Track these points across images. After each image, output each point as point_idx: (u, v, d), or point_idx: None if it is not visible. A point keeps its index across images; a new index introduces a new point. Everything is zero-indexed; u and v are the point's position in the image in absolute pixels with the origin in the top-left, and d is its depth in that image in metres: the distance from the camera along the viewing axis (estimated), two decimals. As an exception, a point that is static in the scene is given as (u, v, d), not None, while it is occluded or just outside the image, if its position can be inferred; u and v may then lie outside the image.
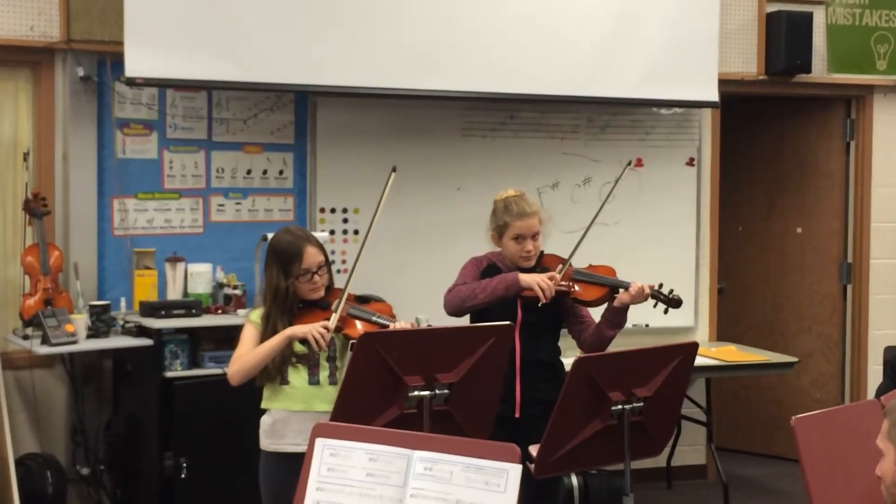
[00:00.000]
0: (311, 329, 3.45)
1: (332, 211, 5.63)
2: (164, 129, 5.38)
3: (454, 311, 3.94)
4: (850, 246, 6.77)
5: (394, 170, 3.73)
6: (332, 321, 3.47)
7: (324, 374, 3.60)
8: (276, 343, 3.51)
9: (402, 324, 3.52)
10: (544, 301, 3.82)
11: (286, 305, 3.56)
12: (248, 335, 3.60)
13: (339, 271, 5.39)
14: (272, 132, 5.56)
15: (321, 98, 5.53)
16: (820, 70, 6.46)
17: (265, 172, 5.57)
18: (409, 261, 5.59)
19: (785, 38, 6.25)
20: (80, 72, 5.15)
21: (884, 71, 6.58)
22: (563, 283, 3.96)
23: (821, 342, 6.86)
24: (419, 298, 5.17)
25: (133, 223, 5.33)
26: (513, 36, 5.51)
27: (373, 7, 5.26)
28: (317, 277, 3.59)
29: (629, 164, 4.53)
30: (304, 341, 3.48)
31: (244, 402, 3.81)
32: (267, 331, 3.55)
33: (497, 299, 3.85)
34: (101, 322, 4.95)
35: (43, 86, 5.21)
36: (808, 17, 6.30)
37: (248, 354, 3.55)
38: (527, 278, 3.86)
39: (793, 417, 2.68)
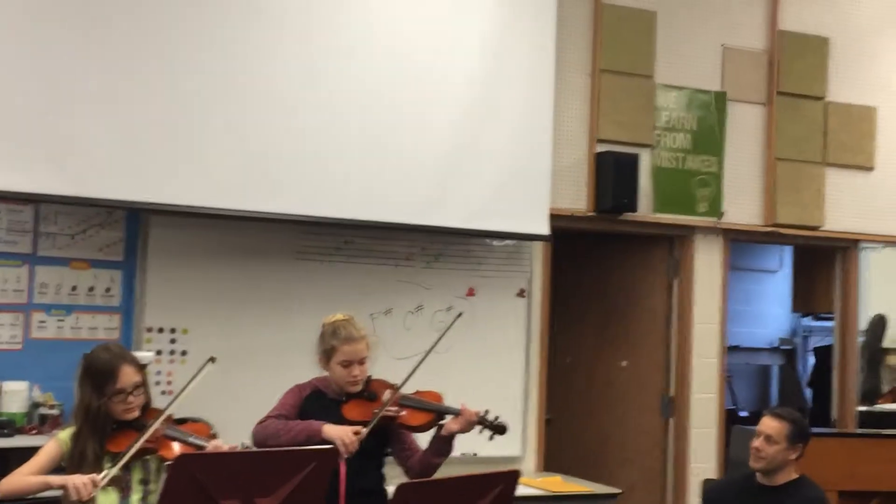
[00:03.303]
0: (71, 480, 3.33)
1: (160, 331, 5.51)
2: (-15, 242, 5.22)
3: (258, 446, 3.90)
4: (672, 380, 6.97)
5: (210, 360, 3.61)
6: (104, 476, 3.35)
7: (136, 497, 3.48)
8: (35, 484, 3.43)
9: (218, 443, 3.45)
10: (346, 456, 3.79)
11: (97, 425, 3.45)
12: (46, 452, 3.48)
13: (163, 392, 5.24)
14: (101, 248, 5.44)
15: (153, 216, 5.45)
16: (646, 209, 6.72)
17: (91, 289, 5.42)
18: (238, 383, 5.47)
19: (613, 178, 6.48)
20: None
21: (704, 213, 6.89)
22: (391, 408, 3.95)
23: (643, 474, 6.98)
24: (246, 422, 5.05)
25: (-54, 337, 5.11)
26: (352, 162, 5.57)
27: (208, 124, 5.26)
28: (131, 398, 3.50)
29: (459, 314, 4.54)
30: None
31: (52, 527, 3.65)
32: (75, 450, 3.43)
33: (299, 444, 3.80)
34: None
35: None
36: (635, 159, 6.58)
37: (18, 478, 3.46)
38: (330, 432, 3.82)
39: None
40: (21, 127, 4.89)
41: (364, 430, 3.83)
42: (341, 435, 3.80)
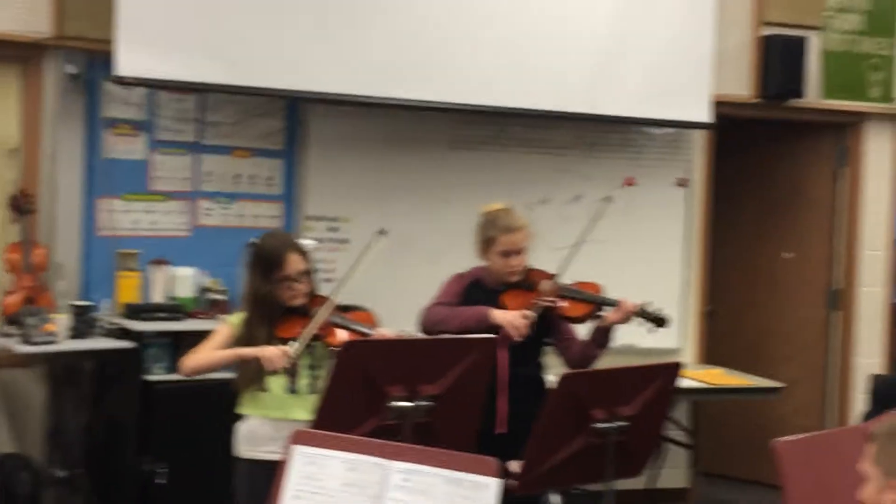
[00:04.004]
0: (265, 352, 3.42)
1: (320, 219, 5.60)
2: (152, 130, 5.35)
3: (427, 332, 3.93)
4: (837, 273, 6.76)
5: (380, 233, 3.63)
6: (296, 350, 3.43)
7: (304, 382, 3.57)
8: (226, 357, 3.52)
9: (383, 331, 3.49)
10: (516, 340, 3.79)
11: (265, 311, 3.54)
12: (220, 334, 3.59)
13: (325, 280, 5.34)
14: (262, 137, 5.53)
15: (312, 105, 5.50)
16: (813, 95, 6.46)
17: (253, 178, 5.53)
18: (395, 271, 5.54)
19: (779, 63, 6.25)
20: (70, 69, 5.11)
21: (876, 98, 6.58)
22: (550, 298, 3.93)
23: (806, 369, 6.84)
24: (404, 310, 5.10)
25: (118, 224, 5.29)
26: (508, 49, 5.50)
27: (367, 15, 5.24)
28: (297, 285, 3.56)
29: (609, 198, 4.45)
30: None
31: (224, 408, 3.77)
32: (246, 334, 3.52)
33: (467, 330, 3.81)
34: (83, 323, 4.91)
35: (32, 82, 5.17)
36: (803, 42, 6.30)
37: (206, 354, 3.56)
38: (499, 317, 3.82)
39: (776, 441, 2.65)
40: (185, 18, 4.95)
41: (532, 315, 3.83)
42: (511, 319, 3.80)
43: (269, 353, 3.41)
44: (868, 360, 6.63)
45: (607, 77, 5.71)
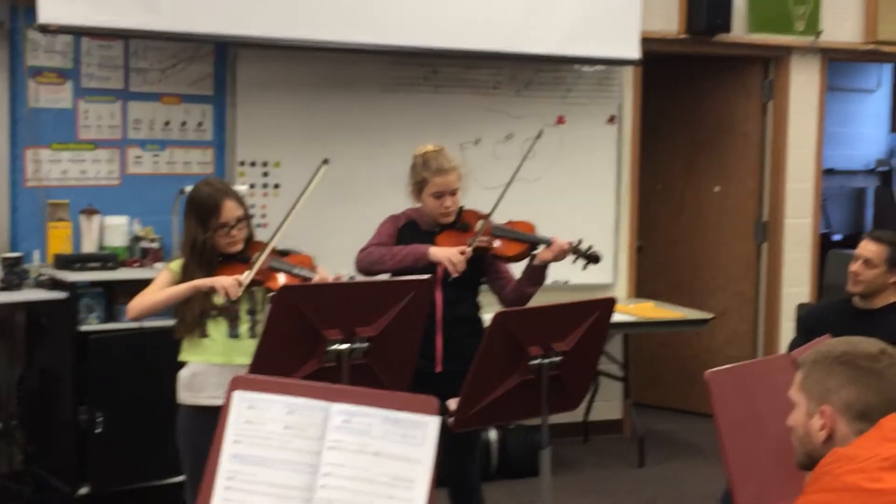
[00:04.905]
0: (219, 280, 3.43)
1: (252, 164, 5.57)
2: (79, 79, 5.25)
3: (363, 272, 3.96)
4: (765, 205, 6.88)
5: (325, 162, 3.66)
6: (247, 276, 3.45)
7: (244, 328, 3.58)
8: (181, 291, 3.51)
9: (323, 273, 3.51)
10: (454, 276, 3.83)
11: (204, 258, 3.54)
12: (162, 279, 3.59)
13: (258, 226, 5.32)
14: (191, 83, 5.46)
15: (241, 49, 5.44)
16: (740, 29, 6.52)
17: (184, 124, 5.47)
18: (331, 215, 5.55)
19: (706, -3, 6.29)
20: (-9, 17, 5.01)
21: (801, 32, 6.66)
22: (484, 238, 3.97)
23: (736, 300, 6.98)
24: (340, 253, 5.12)
25: (47, 174, 5.21)
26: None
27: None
28: (235, 231, 3.57)
29: (540, 132, 4.50)
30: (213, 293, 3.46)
31: (162, 355, 3.79)
32: (185, 282, 3.52)
33: (405, 268, 3.85)
34: (14, 274, 4.85)
35: (-48, 31, 5.06)
36: (729, -23, 6.35)
37: (152, 293, 3.56)
38: (437, 253, 3.85)
39: (706, 371, 2.72)
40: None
41: (469, 250, 3.87)
42: (448, 255, 3.84)
43: (225, 281, 3.44)
44: (796, 290, 6.78)
45: (537, 15, 5.71)
